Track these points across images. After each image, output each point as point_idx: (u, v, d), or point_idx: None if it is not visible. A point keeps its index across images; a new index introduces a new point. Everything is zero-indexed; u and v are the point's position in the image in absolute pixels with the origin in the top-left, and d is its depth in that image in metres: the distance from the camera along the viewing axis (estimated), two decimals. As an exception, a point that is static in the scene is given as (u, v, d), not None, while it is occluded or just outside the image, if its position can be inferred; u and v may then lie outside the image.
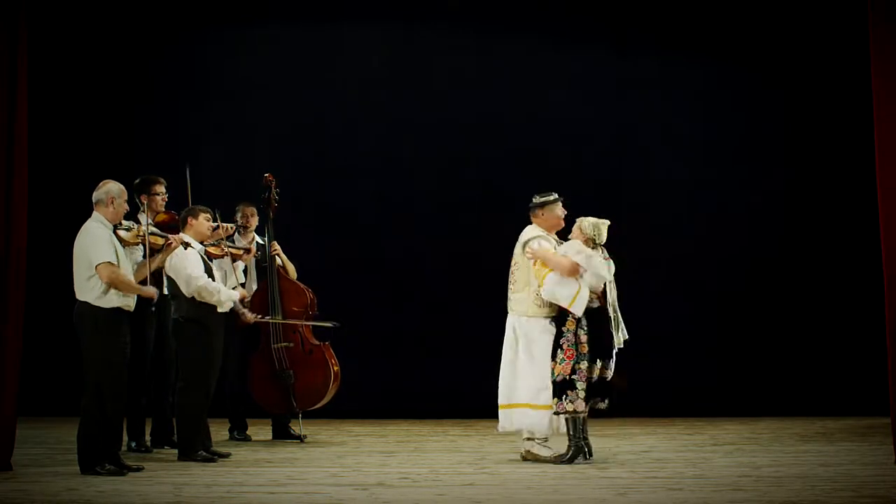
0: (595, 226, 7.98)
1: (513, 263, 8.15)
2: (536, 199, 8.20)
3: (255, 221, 9.50)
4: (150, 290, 7.68)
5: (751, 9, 11.24)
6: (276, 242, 9.37)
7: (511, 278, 8.14)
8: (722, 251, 11.29)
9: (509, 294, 8.14)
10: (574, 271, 7.80)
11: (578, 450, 7.81)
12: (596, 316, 7.86)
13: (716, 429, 9.86)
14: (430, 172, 11.40)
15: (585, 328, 7.82)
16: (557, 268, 7.82)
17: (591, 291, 7.85)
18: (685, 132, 11.37)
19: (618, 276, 8.13)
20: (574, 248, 7.92)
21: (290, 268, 9.47)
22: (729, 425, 10.09)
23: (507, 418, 8.05)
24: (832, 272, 11.15)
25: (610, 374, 7.91)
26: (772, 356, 11.14)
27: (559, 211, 8.17)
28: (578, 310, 7.79)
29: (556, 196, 8.19)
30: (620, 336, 7.97)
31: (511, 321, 8.09)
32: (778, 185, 11.34)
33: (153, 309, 8.27)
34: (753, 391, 11.06)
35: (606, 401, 7.91)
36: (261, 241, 9.44)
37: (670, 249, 11.20)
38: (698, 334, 11.15)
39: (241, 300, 8.69)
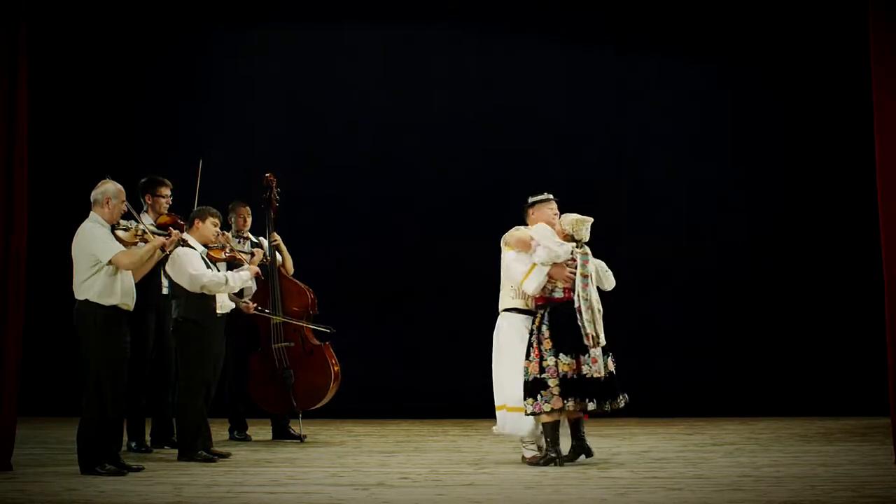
0: (573, 223, 7.84)
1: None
2: (529, 200, 8.12)
3: (249, 221, 9.44)
4: (159, 240, 7.63)
5: (750, 8, 11.24)
6: (276, 234, 9.33)
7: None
8: (721, 251, 11.29)
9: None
10: (526, 244, 7.79)
11: (550, 459, 7.66)
12: (560, 309, 7.73)
13: (716, 429, 9.86)
14: (430, 172, 11.40)
15: (548, 322, 7.71)
16: (513, 242, 7.88)
17: (554, 278, 7.75)
18: (685, 132, 11.37)
19: (617, 276, 8.09)
20: (536, 228, 7.90)
21: (289, 261, 9.44)
22: (729, 425, 10.09)
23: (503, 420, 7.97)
24: (832, 272, 11.15)
25: (592, 371, 7.63)
26: (772, 356, 11.14)
27: (548, 210, 7.99)
28: (529, 287, 7.72)
29: (548, 195, 8.05)
30: (599, 333, 7.69)
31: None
32: (778, 185, 11.35)
33: (162, 264, 8.15)
34: (753, 391, 11.06)
35: (593, 402, 7.60)
36: (255, 241, 9.40)
37: (670, 249, 11.20)
38: (698, 334, 11.16)
39: (256, 276, 8.55)
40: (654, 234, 11.18)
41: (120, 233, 7.65)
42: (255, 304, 8.96)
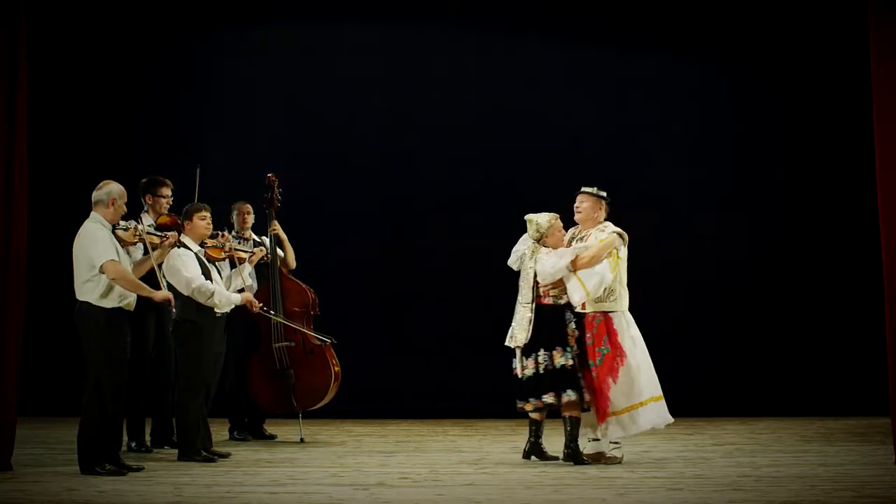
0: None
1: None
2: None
3: (251, 220, 9.44)
4: (160, 294, 7.65)
5: (750, 8, 11.24)
6: (276, 222, 9.32)
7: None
8: (722, 251, 11.29)
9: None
10: None
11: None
12: None
13: (716, 429, 9.86)
14: (430, 172, 11.39)
15: None
16: None
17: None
18: (685, 131, 11.37)
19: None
20: None
21: (291, 254, 9.42)
22: (729, 425, 10.09)
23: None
24: (832, 272, 11.14)
25: (520, 370, 7.79)
26: (771, 356, 11.14)
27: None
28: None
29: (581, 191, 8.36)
30: (517, 334, 7.84)
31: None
32: (778, 185, 11.34)
33: (173, 309, 8.18)
34: (753, 391, 11.06)
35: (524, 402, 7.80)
36: (257, 240, 9.39)
37: (670, 249, 11.20)
38: (698, 334, 11.15)
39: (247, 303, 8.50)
40: (653, 234, 11.16)
41: (120, 232, 7.65)
42: (261, 304, 8.87)
